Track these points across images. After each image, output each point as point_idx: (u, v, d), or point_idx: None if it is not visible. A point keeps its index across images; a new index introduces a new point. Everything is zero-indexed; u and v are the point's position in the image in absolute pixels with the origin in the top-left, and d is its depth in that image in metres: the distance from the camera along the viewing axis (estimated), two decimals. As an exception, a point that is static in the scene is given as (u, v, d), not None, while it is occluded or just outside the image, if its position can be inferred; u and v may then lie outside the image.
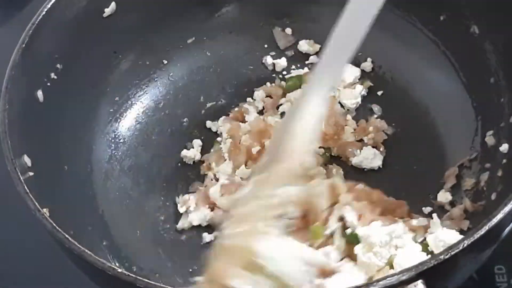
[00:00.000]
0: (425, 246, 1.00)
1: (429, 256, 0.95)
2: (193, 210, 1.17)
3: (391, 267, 0.99)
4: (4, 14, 1.52)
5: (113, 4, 1.22)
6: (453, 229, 1.03)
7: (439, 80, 1.22)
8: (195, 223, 1.16)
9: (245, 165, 1.19)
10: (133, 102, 1.30)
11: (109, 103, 1.26)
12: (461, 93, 1.18)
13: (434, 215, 1.07)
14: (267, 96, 1.31)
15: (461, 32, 1.17)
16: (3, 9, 1.53)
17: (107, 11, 1.22)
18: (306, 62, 1.34)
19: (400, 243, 1.01)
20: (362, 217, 1.05)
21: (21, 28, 1.10)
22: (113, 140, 1.25)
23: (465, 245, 0.80)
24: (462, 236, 0.88)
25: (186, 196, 1.19)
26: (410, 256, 0.98)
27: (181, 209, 1.18)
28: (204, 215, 1.16)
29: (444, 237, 1.00)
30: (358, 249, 1.01)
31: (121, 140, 1.26)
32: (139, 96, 1.31)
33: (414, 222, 1.06)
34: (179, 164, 1.25)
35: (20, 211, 0.96)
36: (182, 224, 1.17)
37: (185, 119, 1.30)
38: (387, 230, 1.01)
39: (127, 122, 1.28)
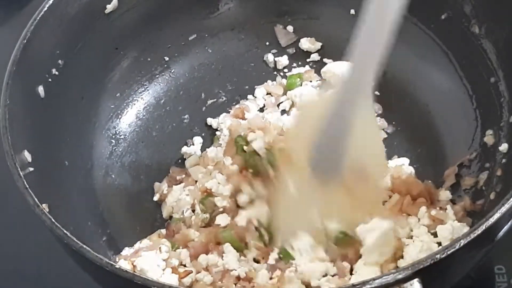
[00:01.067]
0: None
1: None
2: (167, 193, 1.18)
3: (401, 257, 1.01)
4: (4, 14, 1.51)
5: (115, 1, 1.22)
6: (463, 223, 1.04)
7: (439, 79, 1.22)
8: (173, 202, 1.17)
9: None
10: (134, 98, 1.30)
11: (110, 99, 1.26)
12: (461, 92, 1.18)
13: (448, 206, 1.07)
14: (267, 94, 1.31)
15: (462, 31, 1.17)
16: (3, 9, 1.53)
17: (109, 7, 1.22)
18: (308, 60, 1.34)
19: (416, 232, 1.03)
20: None
21: (21, 28, 1.10)
22: (113, 136, 1.25)
23: (461, 244, 0.80)
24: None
25: (157, 183, 1.20)
26: (422, 246, 1.00)
27: (155, 197, 1.19)
28: (178, 192, 1.17)
29: (453, 230, 1.02)
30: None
31: (122, 136, 1.26)
32: (140, 92, 1.31)
33: (434, 212, 1.06)
34: (180, 161, 1.25)
35: (20, 210, 0.97)
36: (166, 212, 1.17)
37: (186, 116, 1.31)
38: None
39: (128, 119, 1.28)
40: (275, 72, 1.35)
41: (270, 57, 1.35)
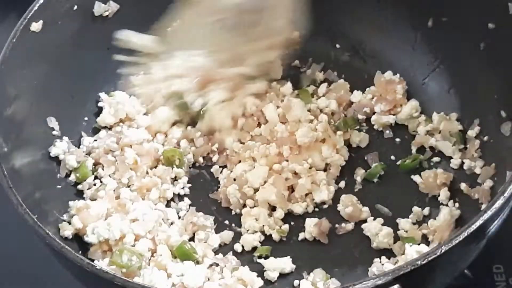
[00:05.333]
0: None
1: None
2: None
3: None
4: (2, 14, 1.51)
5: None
6: None
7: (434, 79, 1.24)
8: None
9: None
10: (126, 98, 1.29)
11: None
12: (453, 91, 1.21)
13: None
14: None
15: (457, 32, 1.18)
16: (2, 9, 1.53)
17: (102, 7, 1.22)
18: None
19: None
20: None
21: (18, 28, 1.10)
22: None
23: (442, 251, 0.80)
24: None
25: None
26: None
27: None
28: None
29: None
30: None
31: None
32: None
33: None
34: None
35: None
36: None
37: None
38: None
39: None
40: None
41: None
